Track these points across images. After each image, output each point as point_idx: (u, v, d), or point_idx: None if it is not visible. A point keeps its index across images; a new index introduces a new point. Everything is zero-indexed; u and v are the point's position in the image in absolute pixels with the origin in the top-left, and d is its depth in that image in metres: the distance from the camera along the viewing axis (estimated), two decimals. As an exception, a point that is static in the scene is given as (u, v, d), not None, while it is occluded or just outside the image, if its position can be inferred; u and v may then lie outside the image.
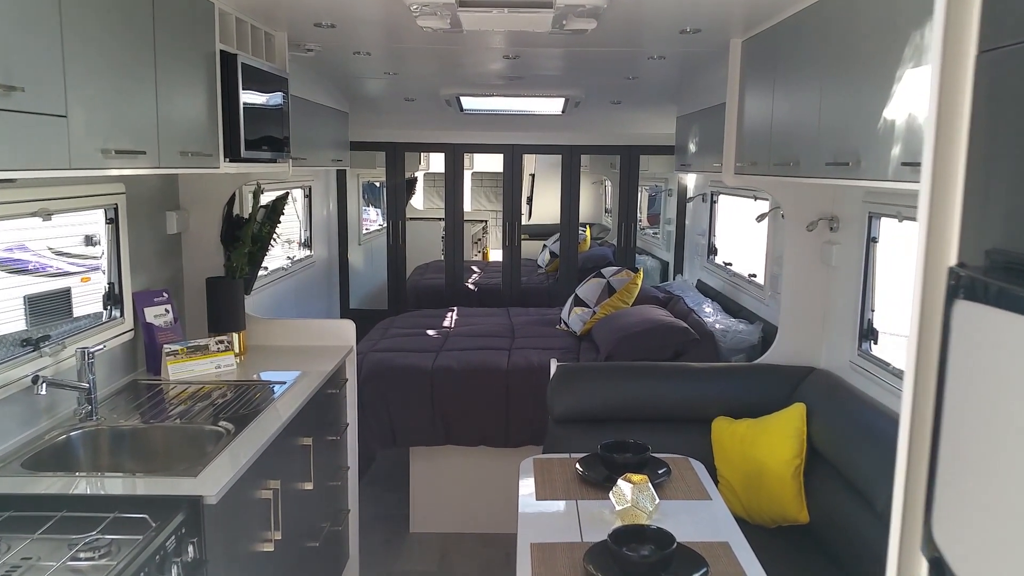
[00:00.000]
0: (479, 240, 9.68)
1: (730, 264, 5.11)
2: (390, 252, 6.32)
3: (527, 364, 4.21)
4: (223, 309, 3.31)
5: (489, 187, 11.05)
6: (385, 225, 6.28)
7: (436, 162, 9.90)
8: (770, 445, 3.09)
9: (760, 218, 4.09)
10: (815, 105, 2.54)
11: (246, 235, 3.30)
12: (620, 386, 3.40)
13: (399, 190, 6.24)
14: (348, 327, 3.59)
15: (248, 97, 2.91)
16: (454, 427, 4.12)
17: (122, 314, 2.98)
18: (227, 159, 2.84)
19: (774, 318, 4.13)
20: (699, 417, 3.40)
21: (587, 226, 8.40)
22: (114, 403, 2.72)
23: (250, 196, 3.58)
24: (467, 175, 10.41)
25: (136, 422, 2.57)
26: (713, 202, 5.51)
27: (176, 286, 3.44)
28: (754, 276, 4.58)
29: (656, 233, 7.41)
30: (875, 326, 3.18)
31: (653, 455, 2.71)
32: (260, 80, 3.07)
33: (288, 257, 5.25)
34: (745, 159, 3.33)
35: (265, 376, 3.14)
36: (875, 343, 3.17)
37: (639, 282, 4.82)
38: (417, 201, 10.30)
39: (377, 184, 7.67)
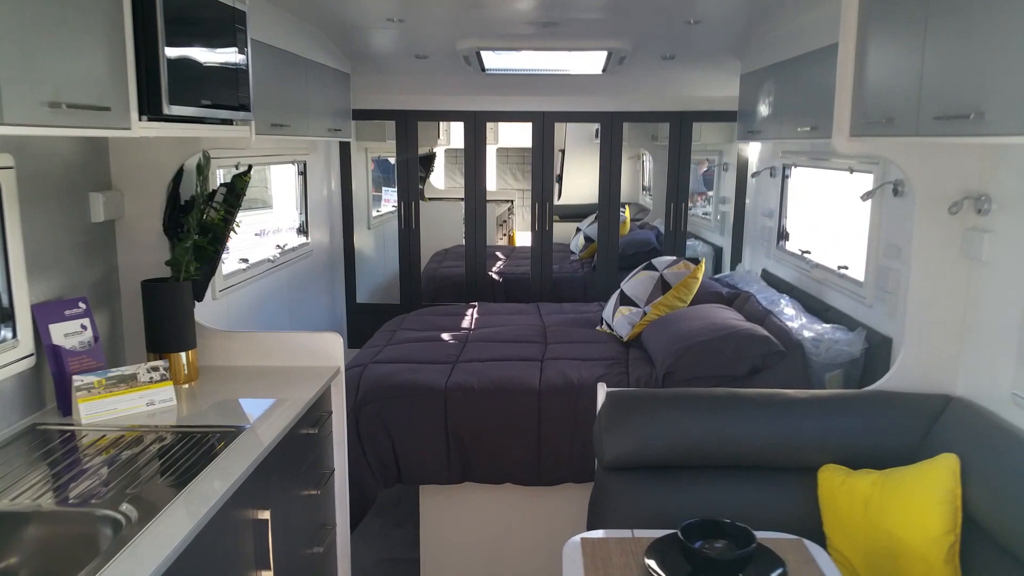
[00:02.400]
0: (504, 222, 8.80)
1: (808, 252, 4.20)
2: (402, 238, 5.48)
3: (564, 382, 3.35)
4: (164, 322, 2.49)
5: (515, 163, 10.15)
6: (396, 207, 5.46)
7: (457, 136, 9.03)
8: (909, 513, 2.22)
9: (867, 196, 3.17)
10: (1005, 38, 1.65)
11: (191, 222, 2.47)
12: (692, 421, 2.54)
13: (411, 166, 5.39)
14: (333, 343, 2.76)
15: (177, 33, 2.07)
16: (474, 461, 3.29)
17: (14, 334, 2.18)
18: (144, 117, 2.01)
19: (879, 324, 3.23)
20: (799, 464, 2.53)
21: (625, 206, 7.49)
22: (-14, 465, 1.92)
23: (219, 173, 2.78)
24: (491, 151, 9.52)
25: (6, 501, 1.76)
26: (785, 176, 4.59)
27: (107, 292, 2.63)
28: (845, 269, 3.66)
29: (706, 214, 6.48)
30: (1055, 346, 2.29)
31: (760, 542, 1.85)
32: (197, 8, 2.23)
33: (278, 246, 4.43)
34: (870, 117, 2.42)
35: (216, 414, 2.33)
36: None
37: (700, 276, 3.93)
38: (437, 179, 9.44)
39: (391, 160, 6.83)
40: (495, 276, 5.97)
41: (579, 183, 8.69)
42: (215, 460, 1.96)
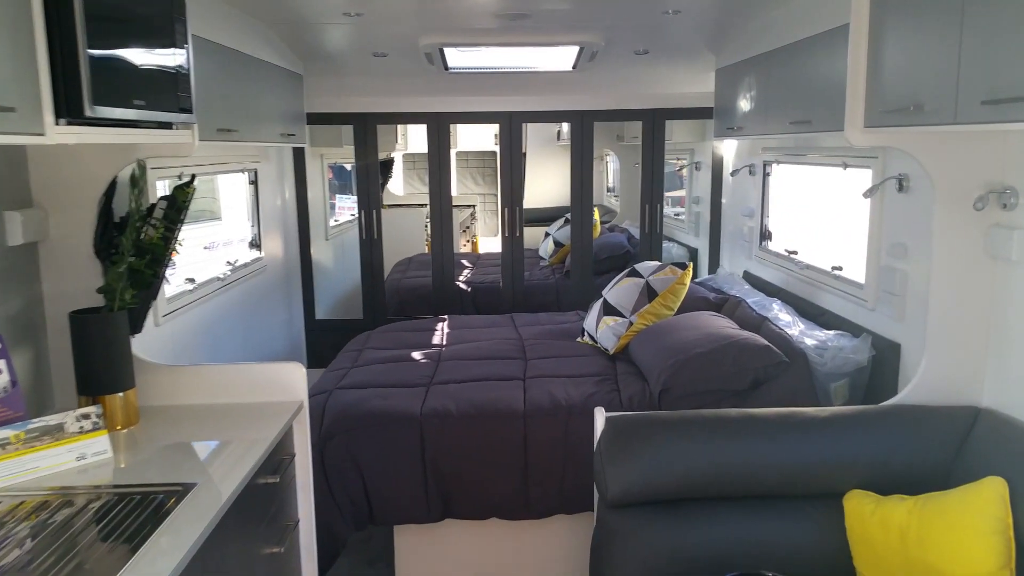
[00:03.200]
0: (467, 228, 8.51)
1: (794, 253, 3.99)
2: (363, 249, 5.15)
3: (551, 403, 3.08)
4: (97, 359, 2.14)
5: (476, 167, 9.86)
6: (357, 216, 5.12)
7: (416, 140, 8.71)
8: (954, 545, 1.99)
9: (869, 192, 2.96)
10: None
11: (126, 243, 2.13)
12: (703, 448, 2.28)
13: (371, 172, 5.07)
14: (294, 374, 2.43)
15: (102, 22, 1.74)
16: (455, 495, 2.99)
17: (-91, 384, 1.82)
18: (63, 120, 1.67)
19: (885, 329, 3.03)
20: (823, 491, 2.30)
21: (594, 209, 7.25)
22: None
23: (158, 185, 2.43)
24: (451, 154, 9.22)
25: None
26: (766, 174, 4.38)
27: (28, 327, 2.27)
28: (839, 270, 3.46)
29: (678, 215, 6.28)
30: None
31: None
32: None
33: (229, 262, 4.07)
34: (889, 105, 2.20)
35: (161, 466, 1.99)
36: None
37: (687, 282, 3.69)
38: (396, 186, 9.10)
39: (347, 167, 6.48)
40: (463, 286, 5.68)
41: (542, 186, 8.44)
42: (164, 523, 1.63)
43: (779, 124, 3.47)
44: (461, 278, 5.90)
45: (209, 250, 4.51)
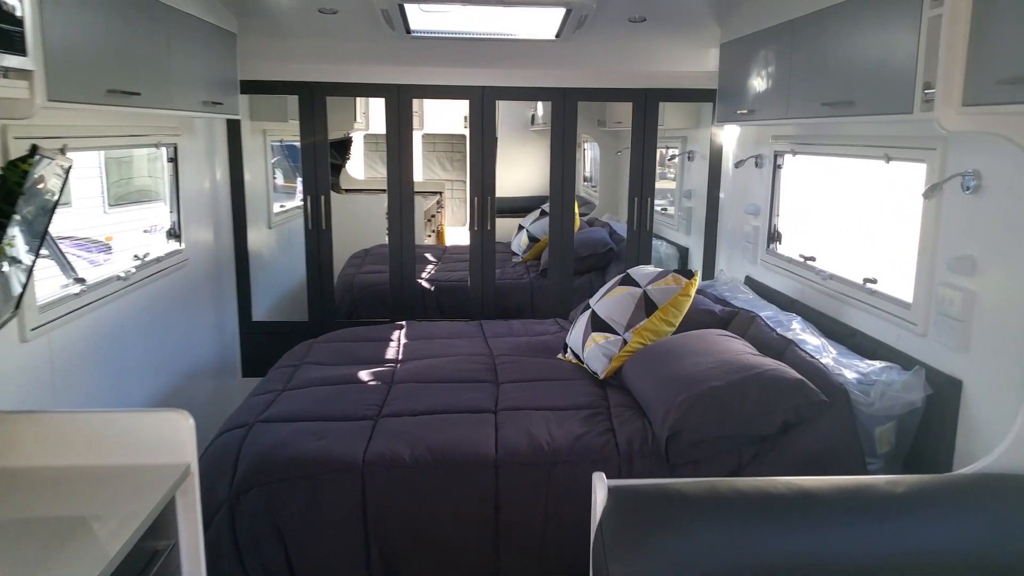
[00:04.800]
0: (433, 216, 7.81)
1: (811, 259, 3.41)
2: (309, 240, 4.45)
3: (530, 447, 2.44)
4: None
5: (443, 151, 9.16)
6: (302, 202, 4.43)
7: (379, 119, 7.97)
8: None
9: (931, 192, 2.37)
10: None
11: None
12: (744, 538, 1.67)
13: (320, 152, 4.36)
14: (179, 425, 1.76)
15: None
16: (404, 568, 2.35)
17: None
18: None
19: (941, 361, 2.45)
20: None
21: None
22: None
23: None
24: (416, 137, 8.50)
25: None
26: (777, 167, 3.79)
27: None
28: (872, 283, 2.88)
29: (665, 210, 5.67)
30: None
31: None
32: None
33: (137, 256, 3.35)
34: (1003, 75, 1.59)
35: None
36: None
37: (692, 294, 3.08)
38: (356, 168, 8.36)
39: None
40: (426, 284, 5.01)
41: (513, 175, 7.79)
42: None
43: (806, 107, 2.87)
44: (424, 275, 5.23)
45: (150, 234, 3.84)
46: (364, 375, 3.13)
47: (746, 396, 2.40)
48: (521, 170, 8.07)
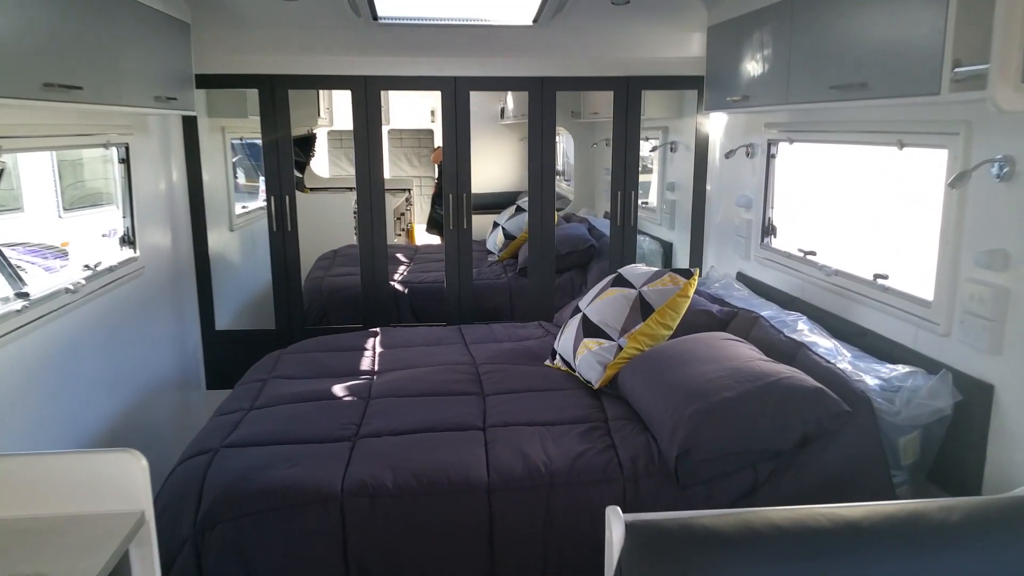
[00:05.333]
0: (403, 215, 7.54)
1: (812, 254, 3.23)
2: (274, 243, 4.17)
3: (526, 469, 2.22)
4: None
5: (411, 147, 8.87)
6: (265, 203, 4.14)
7: (343, 115, 7.66)
8: None
9: (958, 181, 2.18)
10: None
11: None
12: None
13: (283, 149, 4.08)
14: (131, 468, 1.51)
15: None
16: (391, 610, 2.12)
17: None
18: None
19: (969, 364, 2.28)
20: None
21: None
22: None
23: None
24: (383, 132, 8.20)
25: None
26: (771, 156, 3.60)
27: None
28: (884, 279, 2.70)
29: (646, 203, 5.47)
30: None
31: None
32: None
33: (87, 266, 3.06)
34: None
35: None
36: None
37: (691, 294, 2.88)
38: (321, 166, 8.05)
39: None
40: (399, 287, 4.76)
41: (485, 170, 7.56)
42: None
43: (810, 91, 2.69)
44: (396, 277, 4.97)
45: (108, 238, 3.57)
46: (338, 390, 2.88)
47: (762, 408, 2.20)
48: (493, 165, 7.84)
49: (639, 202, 5.37)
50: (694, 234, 4.41)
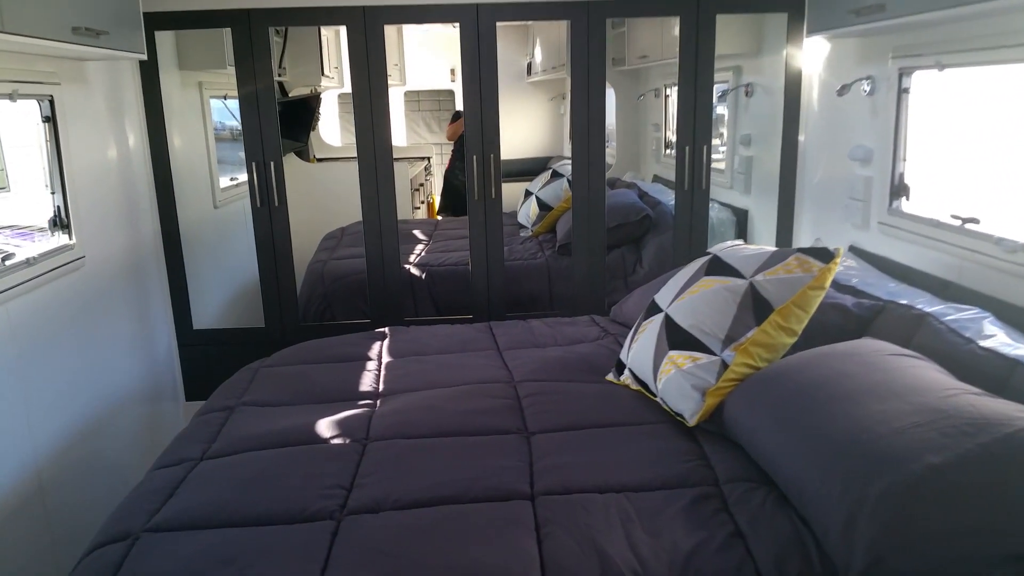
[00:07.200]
0: (422, 185, 6.68)
1: (974, 222, 2.33)
2: (259, 221, 3.35)
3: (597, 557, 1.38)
4: None
5: (429, 110, 7.98)
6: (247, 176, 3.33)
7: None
8: None
9: None
10: None
11: None
12: None
13: (264, 105, 3.24)
14: None
15: None
16: None
17: None
18: None
19: None
20: None
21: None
22: None
23: None
24: (396, 94, 7.32)
25: None
26: (902, 91, 2.68)
27: None
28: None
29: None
30: None
31: None
32: None
33: (-12, 260, 2.27)
34: None
35: None
36: None
37: (827, 285, 1.98)
38: (331, 133, 7.19)
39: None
40: (415, 270, 3.93)
41: (511, 133, 6.66)
42: None
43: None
44: (412, 259, 4.14)
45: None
46: (324, 427, 2.05)
47: (1002, 479, 1.33)
48: (520, 128, 6.96)
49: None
50: (782, 198, 3.50)
